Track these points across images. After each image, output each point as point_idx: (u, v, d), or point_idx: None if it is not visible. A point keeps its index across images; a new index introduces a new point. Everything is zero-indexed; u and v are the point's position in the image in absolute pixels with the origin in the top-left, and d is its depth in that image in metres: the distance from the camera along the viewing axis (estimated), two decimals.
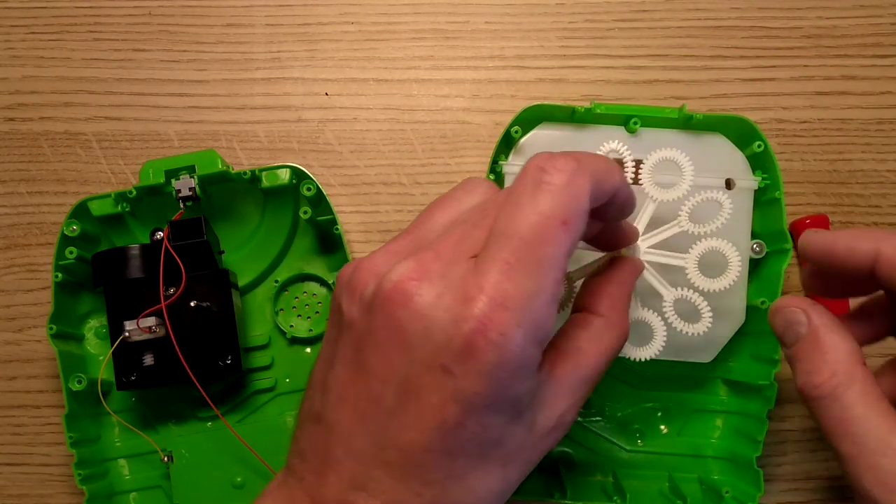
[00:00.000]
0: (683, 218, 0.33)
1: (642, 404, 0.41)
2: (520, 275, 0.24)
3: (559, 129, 0.39)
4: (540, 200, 0.24)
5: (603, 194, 0.26)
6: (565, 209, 0.24)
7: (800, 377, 0.28)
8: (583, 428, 0.41)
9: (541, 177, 0.25)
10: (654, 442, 0.41)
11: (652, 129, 0.39)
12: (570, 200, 0.24)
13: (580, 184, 0.25)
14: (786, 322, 0.29)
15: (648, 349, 0.33)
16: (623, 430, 0.41)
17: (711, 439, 0.41)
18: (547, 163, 0.25)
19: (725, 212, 0.33)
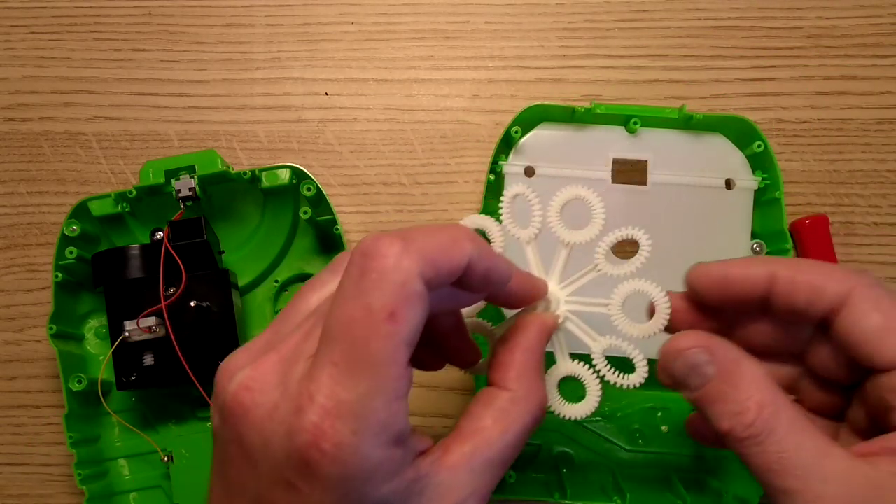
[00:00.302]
0: (601, 260, 0.29)
1: (642, 404, 0.41)
2: (349, 378, 0.22)
3: (559, 129, 0.39)
4: (364, 292, 0.22)
5: (447, 273, 0.23)
6: (391, 299, 0.22)
7: (724, 420, 0.25)
8: (583, 428, 0.41)
9: (365, 264, 0.22)
10: (654, 442, 0.41)
11: (652, 130, 0.39)
12: (397, 289, 0.22)
13: (406, 268, 0.22)
14: (688, 366, 0.26)
15: (583, 406, 0.29)
16: (623, 430, 0.41)
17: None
18: (371, 247, 0.23)
19: (644, 250, 0.28)
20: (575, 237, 0.29)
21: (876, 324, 0.25)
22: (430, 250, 0.23)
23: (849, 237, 0.43)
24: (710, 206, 0.39)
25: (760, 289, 0.27)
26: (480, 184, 0.42)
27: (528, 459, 0.41)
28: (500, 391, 0.26)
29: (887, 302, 0.26)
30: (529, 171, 0.39)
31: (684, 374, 0.26)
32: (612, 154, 0.39)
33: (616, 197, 0.39)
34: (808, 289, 0.26)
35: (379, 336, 0.22)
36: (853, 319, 0.26)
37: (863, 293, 0.26)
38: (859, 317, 0.26)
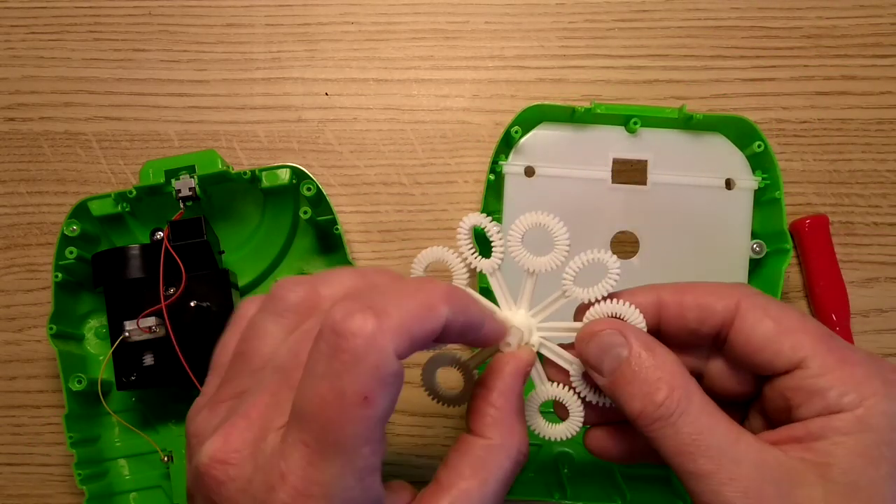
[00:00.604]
0: (569, 285, 0.28)
1: None
2: (322, 459, 0.22)
3: (559, 129, 0.39)
4: (336, 374, 0.21)
5: (422, 342, 0.23)
6: (365, 384, 0.21)
7: (635, 402, 0.25)
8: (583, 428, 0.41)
9: (336, 343, 0.21)
10: None
11: (652, 130, 0.39)
12: (371, 372, 0.21)
13: (381, 348, 0.21)
14: (601, 347, 0.26)
15: (567, 426, 0.29)
16: None
17: None
18: (342, 326, 0.21)
19: (613, 273, 0.27)
20: (540, 264, 0.28)
21: (769, 329, 0.26)
22: (404, 322, 0.22)
23: (849, 237, 0.43)
24: (710, 206, 0.39)
25: (650, 317, 0.27)
26: (480, 184, 0.43)
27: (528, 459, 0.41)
28: (476, 439, 0.26)
29: (775, 307, 0.26)
30: (529, 171, 0.39)
31: (598, 356, 0.26)
32: (612, 154, 0.39)
33: (616, 197, 0.39)
34: (696, 308, 0.27)
35: (352, 420, 0.21)
36: (746, 330, 0.26)
37: (750, 302, 0.26)
38: (752, 325, 0.26)
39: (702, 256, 0.39)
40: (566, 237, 0.27)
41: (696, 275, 0.38)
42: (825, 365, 0.25)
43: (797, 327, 0.25)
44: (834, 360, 0.25)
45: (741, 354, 0.26)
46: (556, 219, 0.28)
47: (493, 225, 0.28)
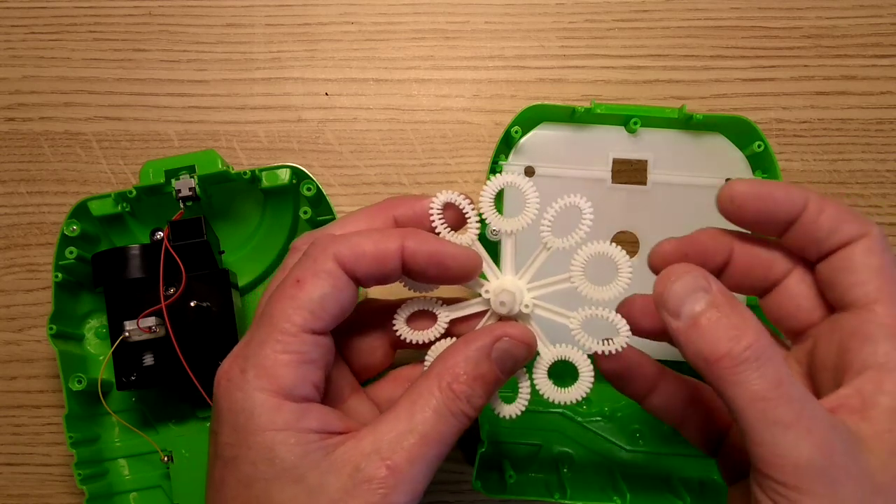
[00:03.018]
0: (547, 236, 0.28)
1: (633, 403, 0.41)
2: (255, 330, 0.27)
3: (559, 129, 0.39)
4: (291, 270, 0.27)
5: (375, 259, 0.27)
6: (301, 271, 0.27)
7: (720, 343, 0.24)
8: (583, 428, 0.41)
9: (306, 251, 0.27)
10: (654, 442, 0.41)
11: (652, 130, 0.39)
12: (309, 263, 0.27)
13: (324, 248, 0.27)
14: (685, 289, 0.25)
15: (579, 387, 0.28)
16: (623, 430, 0.41)
17: None
18: (314, 240, 0.28)
19: (587, 216, 0.28)
20: (513, 224, 0.29)
21: (874, 264, 0.26)
22: (358, 241, 0.27)
23: None
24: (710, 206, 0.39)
25: (796, 211, 0.27)
26: (480, 184, 0.43)
27: (528, 459, 0.41)
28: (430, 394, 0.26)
29: (890, 255, 0.27)
30: (529, 171, 0.39)
31: (681, 297, 0.25)
32: (613, 154, 0.39)
33: (616, 197, 0.39)
34: (831, 222, 0.27)
35: (282, 297, 0.26)
36: (856, 255, 0.27)
37: (875, 237, 0.27)
38: (863, 254, 0.26)
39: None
40: (535, 193, 0.29)
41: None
42: (889, 315, 0.25)
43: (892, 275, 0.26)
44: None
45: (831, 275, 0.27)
46: (522, 177, 0.29)
47: (464, 199, 0.29)
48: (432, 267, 0.27)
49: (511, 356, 0.27)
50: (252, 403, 0.25)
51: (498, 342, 0.27)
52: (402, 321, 0.30)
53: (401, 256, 0.27)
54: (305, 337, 0.26)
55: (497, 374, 0.27)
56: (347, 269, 0.27)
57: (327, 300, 0.26)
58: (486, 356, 0.27)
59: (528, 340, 0.28)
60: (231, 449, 0.26)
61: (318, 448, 0.25)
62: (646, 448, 0.41)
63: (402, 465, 0.25)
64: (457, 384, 0.26)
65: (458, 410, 0.26)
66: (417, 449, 0.25)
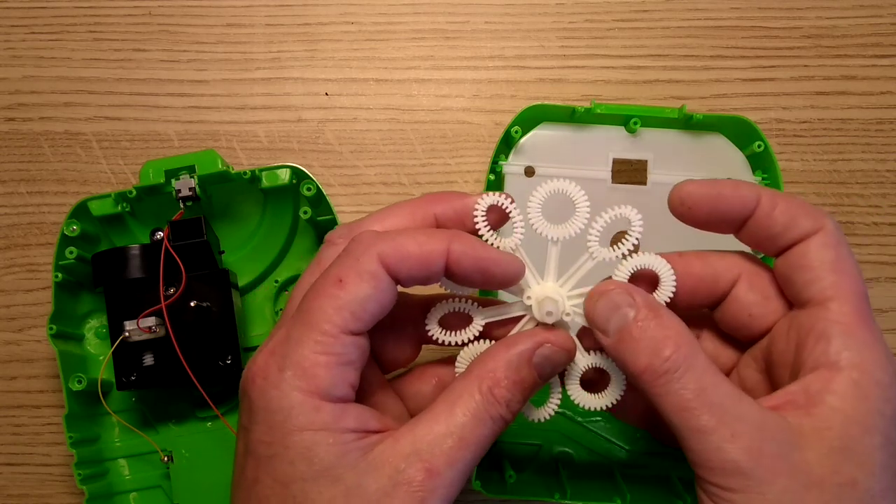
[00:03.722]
0: (595, 246, 0.28)
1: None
2: (292, 327, 0.26)
3: (559, 129, 0.39)
4: (331, 265, 0.26)
5: (419, 262, 0.26)
6: (342, 270, 0.26)
7: (641, 357, 0.25)
8: (583, 428, 0.41)
9: (346, 248, 0.27)
10: (654, 442, 0.41)
11: (652, 130, 0.39)
12: (350, 261, 0.26)
13: (367, 248, 0.26)
14: (611, 305, 0.27)
15: (611, 393, 0.29)
16: (623, 430, 0.41)
17: None
18: (353, 239, 0.27)
19: (636, 227, 0.28)
20: (562, 231, 0.28)
21: (828, 259, 0.26)
22: (403, 242, 0.26)
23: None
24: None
25: (748, 210, 0.27)
26: (480, 184, 0.43)
27: (528, 459, 0.41)
28: (470, 397, 0.26)
29: (845, 248, 0.27)
30: (529, 171, 0.39)
31: (606, 314, 0.27)
32: (613, 154, 0.39)
33: (616, 197, 0.39)
34: (785, 217, 0.27)
35: (321, 295, 0.25)
36: (811, 250, 0.27)
37: (829, 231, 0.27)
38: (818, 249, 0.26)
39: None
40: (586, 201, 0.28)
41: None
42: (843, 313, 0.26)
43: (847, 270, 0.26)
44: (853, 317, 0.26)
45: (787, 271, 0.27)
46: (573, 184, 0.28)
47: (509, 202, 0.28)
48: (476, 272, 0.27)
49: (551, 362, 0.27)
50: (290, 403, 0.25)
51: (540, 348, 0.27)
52: (434, 321, 0.29)
53: (445, 259, 0.26)
54: (345, 338, 0.25)
55: (536, 379, 0.27)
56: (390, 269, 0.26)
57: (369, 302, 0.25)
58: (527, 361, 0.27)
59: (569, 347, 0.28)
60: (267, 447, 0.25)
61: (356, 448, 0.25)
62: (646, 448, 0.41)
63: (441, 468, 0.25)
64: (497, 388, 0.26)
65: (497, 415, 0.26)
66: (456, 452, 0.25)
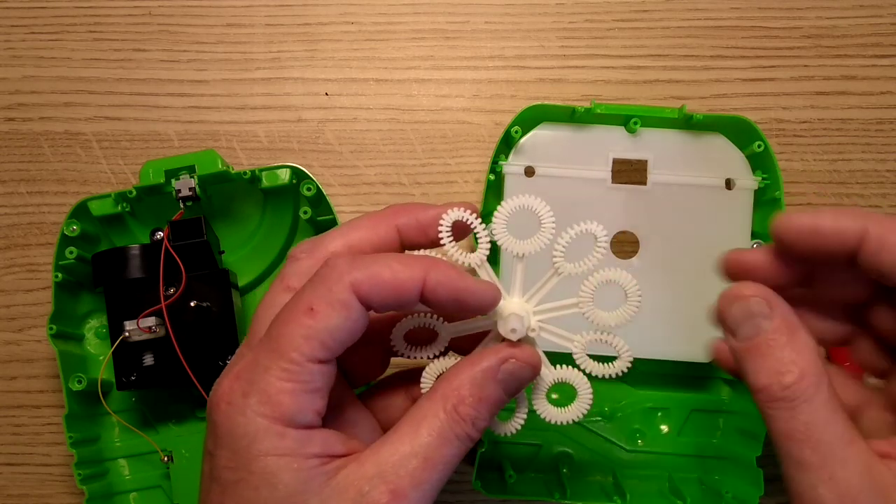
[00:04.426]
0: (559, 261, 0.28)
1: (642, 404, 0.41)
2: (259, 352, 0.25)
3: (559, 129, 0.39)
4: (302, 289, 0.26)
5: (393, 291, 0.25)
6: (314, 297, 0.25)
7: (762, 376, 0.25)
8: (583, 428, 0.41)
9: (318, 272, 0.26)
10: (654, 442, 0.41)
11: (652, 130, 0.39)
12: (322, 289, 0.25)
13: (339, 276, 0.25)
14: (745, 313, 0.26)
15: (576, 407, 0.29)
16: (623, 430, 0.41)
17: (712, 439, 0.41)
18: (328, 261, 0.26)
19: (602, 243, 0.28)
20: (527, 247, 0.28)
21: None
22: (377, 272, 0.25)
23: None
24: (710, 206, 0.39)
25: (851, 244, 0.26)
26: (480, 184, 0.43)
27: (528, 459, 0.41)
28: (434, 417, 0.26)
29: None
30: (529, 171, 0.39)
31: (739, 320, 0.26)
32: (613, 154, 0.39)
33: (616, 197, 0.39)
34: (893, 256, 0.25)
35: (291, 323, 0.25)
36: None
37: None
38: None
39: (702, 256, 0.39)
40: (551, 217, 0.28)
41: (696, 274, 0.38)
42: None
43: None
44: None
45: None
46: (538, 199, 0.28)
47: (474, 217, 0.28)
48: (452, 302, 0.26)
49: (516, 378, 0.27)
50: (255, 429, 0.25)
51: (504, 364, 0.26)
52: (400, 337, 0.29)
53: (421, 288, 0.25)
54: (312, 366, 0.25)
55: (501, 395, 0.26)
56: (363, 298, 0.25)
57: (339, 331, 0.25)
58: (492, 378, 0.26)
59: (534, 363, 0.27)
60: (231, 472, 0.25)
61: (320, 473, 0.25)
62: (646, 448, 0.41)
63: (406, 489, 0.24)
64: (462, 406, 0.26)
65: (463, 433, 0.26)
66: (421, 472, 0.25)
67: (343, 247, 0.28)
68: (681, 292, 0.39)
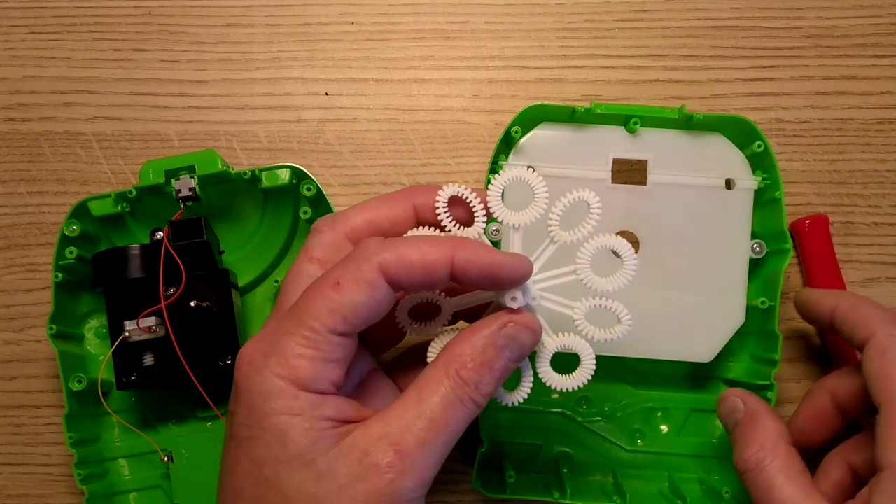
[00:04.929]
0: (555, 230, 0.29)
1: (642, 404, 0.41)
2: (283, 319, 0.27)
3: (559, 129, 0.39)
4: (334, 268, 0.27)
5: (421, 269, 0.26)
6: (342, 274, 0.26)
7: (735, 454, 0.33)
8: (583, 428, 0.41)
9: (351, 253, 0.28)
10: (654, 442, 0.41)
11: (652, 130, 0.39)
12: (351, 267, 0.26)
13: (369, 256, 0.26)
14: (727, 409, 0.35)
15: (580, 374, 0.29)
16: (623, 430, 0.41)
17: (712, 439, 0.41)
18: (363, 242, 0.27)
19: (594, 210, 0.29)
20: (522, 218, 0.29)
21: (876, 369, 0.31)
22: (405, 251, 0.26)
23: (849, 237, 0.43)
24: (710, 206, 0.39)
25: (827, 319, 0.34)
26: (480, 184, 0.42)
27: (528, 459, 0.41)
28: (438, 382, 0.27)
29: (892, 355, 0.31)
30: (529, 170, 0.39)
31: (725, 414, 0.35)
32: (613, 154, 0.39)
33: (616, 197, 0.39)
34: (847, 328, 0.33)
35: (316, 295, 0.26)
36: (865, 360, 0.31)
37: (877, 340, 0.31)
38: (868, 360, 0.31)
39: (702, 256, 0.39)
40: (544, 187, 0.29)
41: (696, 274, 0.38)
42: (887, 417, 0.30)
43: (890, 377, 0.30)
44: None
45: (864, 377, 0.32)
46: (530, 171, 0.29)
47: (470, 192, 0.29)
48: (483, 278, 0.27)
49: (517, 342, 0.28)
50: (270, 387, 0.26)
51: (504, 328, 0.28)
52: (404, 314, 0.30)
53: (450, 268, 0.26)
54: (332, 338, 0.26)
55: (504, 360, 0.27)
56: (391, 279, 0.26)
57: (362, 308, 0.26)
58: (492, 343, 0.27)
59: (533, 326, 0.28)
60: (246, 430, 0.26)
61: (331, 436, 0.26)
62: (646, 448, 0.41)
63: (411, 449, 0.25)
64: (464, 370, 0.27)
65: (467, 397, 0.27)
66: (426, 433, 0.26)
67: (363, 222, 0.30)
68: (680, 292, 0.39)
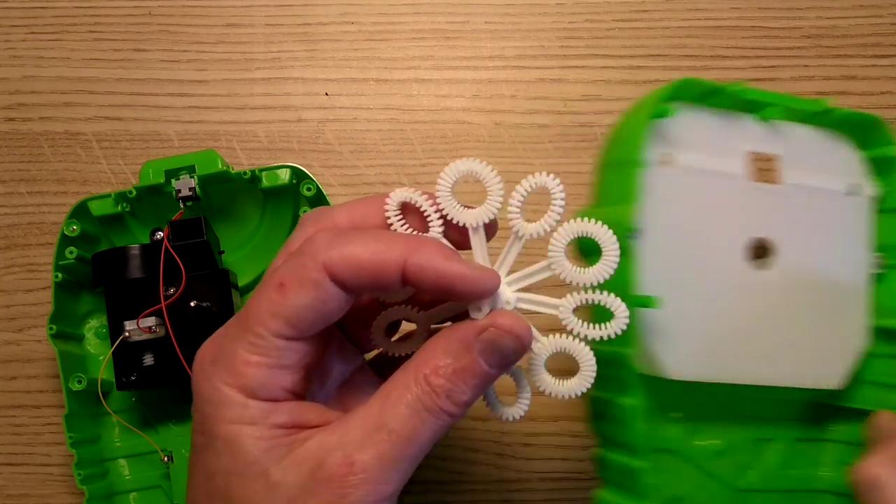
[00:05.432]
0: (517, 223, 0.26)
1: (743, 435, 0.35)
2: (229, 327, 0.26)
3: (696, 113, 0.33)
4: (278, 267, 0.25)
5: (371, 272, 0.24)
6: (286, 274, 0.24)
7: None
8: (685, 461, 0.34)
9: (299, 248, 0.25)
10: (759, 476, 0.35)
11: (778, 122, 0.34)
12: (295, 267, 0.24)
13: (315, 253, 0.24)
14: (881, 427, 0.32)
15: (581, 380, 0.26)
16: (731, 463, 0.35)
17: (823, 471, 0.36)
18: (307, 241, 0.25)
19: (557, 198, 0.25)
20: (478, 216, 0.26)
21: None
22: (353, 249, 0.24)
23: None
24: (833, 213, 0.34)
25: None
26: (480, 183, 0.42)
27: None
28: (405, 388, 0.24)
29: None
30: (666, 159, 0.32)
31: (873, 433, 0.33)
32: (746, 146, 0.33)
33: (751, 198, 0.33)
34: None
35: (262, 299, 0.24)
36: None
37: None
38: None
39: (826, 270, 0.34)
40: (498, 183, 0.26)
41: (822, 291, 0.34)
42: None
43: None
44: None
45: None
46: (480, 163, 0.26)
47: (421, 196, 0.27)
48: (438, 289, 0.24)
49: (498, 348, 0.25)
50: (219, 396, 0.24)
51: (483, 333, 0.25)
52: (380, 333, 0.28)
53: (401, 271, 0.24)
54: (279, 342, 0.24)
55: (483, 367, 0.24)
56: (337, 279, 0.24)
57: (307, 311, 0.24)
58: (467, 348, 0.24)
59: (517, 330, 0.25)
60: (200, 437, 0.25)
61: (284, 444, 0.24)
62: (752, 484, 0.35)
63: (367, 463, 0.23)
64: (435, 377, 0.24)
65: (436, 406, 0.24)
66: (385, 446, 0.23)
67: (347, 220, 0.27)
68: (809, 311, 0.34)
